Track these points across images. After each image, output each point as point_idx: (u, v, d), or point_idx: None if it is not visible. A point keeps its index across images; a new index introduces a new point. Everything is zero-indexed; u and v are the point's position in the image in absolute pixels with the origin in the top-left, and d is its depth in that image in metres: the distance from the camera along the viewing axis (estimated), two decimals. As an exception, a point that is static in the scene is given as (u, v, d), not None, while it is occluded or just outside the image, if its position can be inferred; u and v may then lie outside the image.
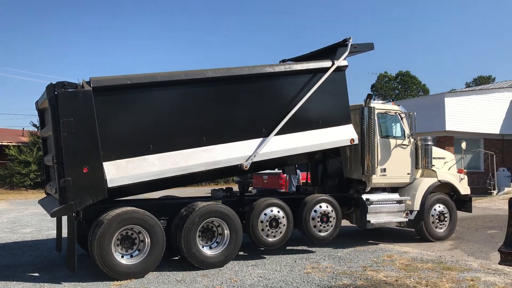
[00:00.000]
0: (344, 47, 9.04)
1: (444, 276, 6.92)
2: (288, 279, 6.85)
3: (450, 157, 10.94)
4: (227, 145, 7.88)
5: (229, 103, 8.09)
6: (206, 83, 7.85)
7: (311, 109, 8.66)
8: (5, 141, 34.41)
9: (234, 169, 8.10)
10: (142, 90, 7.33)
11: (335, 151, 9.41)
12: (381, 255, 8.55)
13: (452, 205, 10.21)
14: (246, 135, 8.08)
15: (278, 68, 8.57)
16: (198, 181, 14.05)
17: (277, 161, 8.99)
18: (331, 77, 8.75)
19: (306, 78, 8.67)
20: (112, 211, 6.96)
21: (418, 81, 63.18)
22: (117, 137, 7.14)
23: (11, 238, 10.87)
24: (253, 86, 8.31)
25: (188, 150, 7.56)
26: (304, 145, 8.59)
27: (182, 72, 7.65)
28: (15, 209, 18.27)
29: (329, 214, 8.79)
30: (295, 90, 8.56)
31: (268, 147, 8.13)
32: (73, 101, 6.63)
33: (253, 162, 7.99)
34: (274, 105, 8.42)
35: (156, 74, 7.45)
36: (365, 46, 9.50)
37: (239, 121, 8.15)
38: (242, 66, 8.17)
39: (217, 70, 7.92)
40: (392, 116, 9.88)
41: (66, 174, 6.55)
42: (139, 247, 7.09)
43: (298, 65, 8.82)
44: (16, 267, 7.75)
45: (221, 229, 7.77)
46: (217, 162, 7.73)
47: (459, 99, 23.24)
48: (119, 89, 7.15)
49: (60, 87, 6.61)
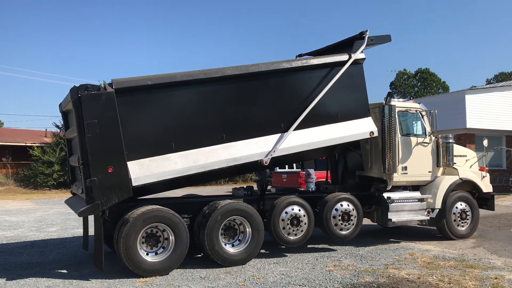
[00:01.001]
0: (361, 40, 9.02)
1: (467, 274, 6.90)
2: (310, 276, 6.91)
3: (472, 155, 10.86)
4: (246, 142, 7.94)
5: (248, 100, 8.14)
6: (224, 81, 7.90)
7: (329, 103, 8.65)
8: (29, 142, 35.25)
9: (254, 165, 8.14)
10: (163, 90, 7.43)
11: (355, 144, 9.35)
12: (402, 253, 8.55)
13: (474, 203, 10.15)
14: (265, 131, 8.12)
15: (295, 64, 8.55)
16: (219, 178, 14.15)
17: (296, 156, 8.96)
18: (349, 70, 8.73)
19: (323, 73, 8.67)
20: (137, 210, 7.11)
21: (438, 78, 62.41)
22: (140, 136, 7.26)
23: (38, 236, 11.17)
24: (270, 82, 8.32)
25: (208, 148, 7.65)
26: (323, 139, 8.58)
27: (201, 71, 7.72)
28: (40, 208, 18.67)
29: (350, 213, 8.81)
30: (313, 85, 8.57)
31: (287, 142, 8.16)
32: (96, 103, 6.75)
33: (272, 157, 8.03)
34: (292, 100, 8.43)
35: (176, 74, 7.55)
36: (382, 38, 9.46)
37: (258, 117, 8.18)
38: (259, 63, 8.18)
39: (235, 67, 7.97)
40: (413, 114, 9.83)
41: (92, 174, 6.69)
42: (164, 244, 7.23)
43: (315, 59, 8.80)
44: (45, 265, 7.97)
45: (243, 227, 7.86)
46: (237, 158, 7.80)
47: (480, 96, 22.92)
48: (140, 90, 7.27)
49: (83, 89, 6.74)
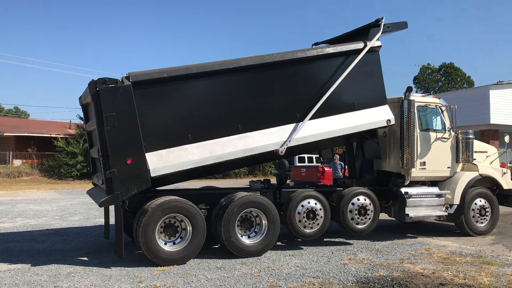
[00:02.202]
0: (377, 27, 8.94)
1: (483, 270, 6.87)
2: (325, 269, 6.97)
3: (493, 151, 10.73)
4: (262, 132, 7.99)
5: (263, 90, 8.16)
6: (240, 72, 7.93)
7: (345, 92, 8.62)
8: (54, 133, 36.14)
9: (270, 155, 8.18)
10: (179, 82, 7.51)
11: (372, 133, 9.29)
12: (419, 248, 8.53)
13: (494, 199, 10.03)
14: (280, 121, 8.15)
15: (310, 53, 8.51)
16: (235, 168, 14.20)
17: (313, 145, 8.94)
18: (365, 58, 8.69)
19: (339, 61, 8.65)
20: (156, 200, 7.27)
21: (463, 73, 61.26)
22: (157, 128, 7.37)
23: (61, 225, 11.50)
24: (285, 72, 8.31)
25: (225, 138, 7.73)
26: (339, 128, 8.58)
27: (216, 62, 7.79)
28: (63, 198, 19.17)
29: (367, 207, 8.82)
30: (328, 74, 8.55)
31: (303, 131, 8.18)
32: (114, 96, 6.90)
33: (288, 147, 8.06)
34: (308, 90, 8.43)
35: (192, 66, 7.63)
36: (398, 25, 9.34)
37: (273, 107, 8.20)
38: (274, 53, 8.18)
39: (250, 58, 7.98)
40: (432, 109, 9.76)
41: (111, 165, 6.86)
42: (181, 234, 7.39)
43: (330, 48, 8.74)
44: (67, 252, 8.23)
45: (259, 219, 7.96)
46: (253, 148, 7.86)
47: (505, 91, 22.51)
48: (157, 82, 7.36)
49: (101, 83, 6.90)
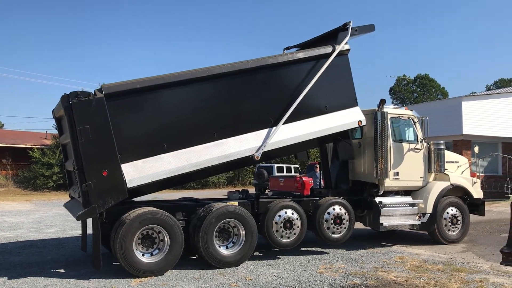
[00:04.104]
0: (345, 31, 9.17)
1: (453, 277, 7.09)
2: (301, 278, 7.10)
3: (463, 161, 11.06)
4: (237, 138, 8.08)
5: (237, 96, 8.27)
6: (212, 80, 8.00)
7: (317, 95, 8.80)
8: (29, 143, 35.50)
9: (246, 161, 8.29)
10: (152, 92, 7.55)
11: (345, 134, 9.47)
12: (393, 256, 8.74)
13: (465, 208, 10.34)
14: (255, 126, 8.26)
15: (281, 58, 8.67)
16: (213, 175, 14.26)
17: (288, 149, 9.10)
18: (334, 62, 8.87)
19: (309, 66, 8.82)
20: (133, 212, 7.30)
21: (437, 84, 62.75)
22: (132, 139, 7.40)
23: (37, 237, 11.37)
24: (258, 78, 8.43)
25: (201, 146, 7.80)
26: (313, 131, 8.76)
27: (189, 71, 7.84)
28: (39, 209, 18.88)
29: (342, 216, 9.01)
30: (300, 78, 8.72)
31: (277, 136, 8.31)
32: (87, 109, 6.89)
33: (264, 152, 8.17)
34: (280, 95, 8.57)
35: (164, 76, 7.70)
36: (365, 28, 9.56)
37: (248, 113, 8.31)
38: (246, 60, 8.28)
39: (223, 66, 8.07)
40: (405, 121, 10.04)
41: (87, 178, 6.85)
42: (159, 246, 7.41)
43: (300, 53, 8.92)
44: (43, 264, 8.16)
45: (237, 229, 8.05)
46: (229, 155, 7.95)
47: (477, 102, 23.12)
48: (130, 93, 7.38)
49: (73, 96, 6.89)
